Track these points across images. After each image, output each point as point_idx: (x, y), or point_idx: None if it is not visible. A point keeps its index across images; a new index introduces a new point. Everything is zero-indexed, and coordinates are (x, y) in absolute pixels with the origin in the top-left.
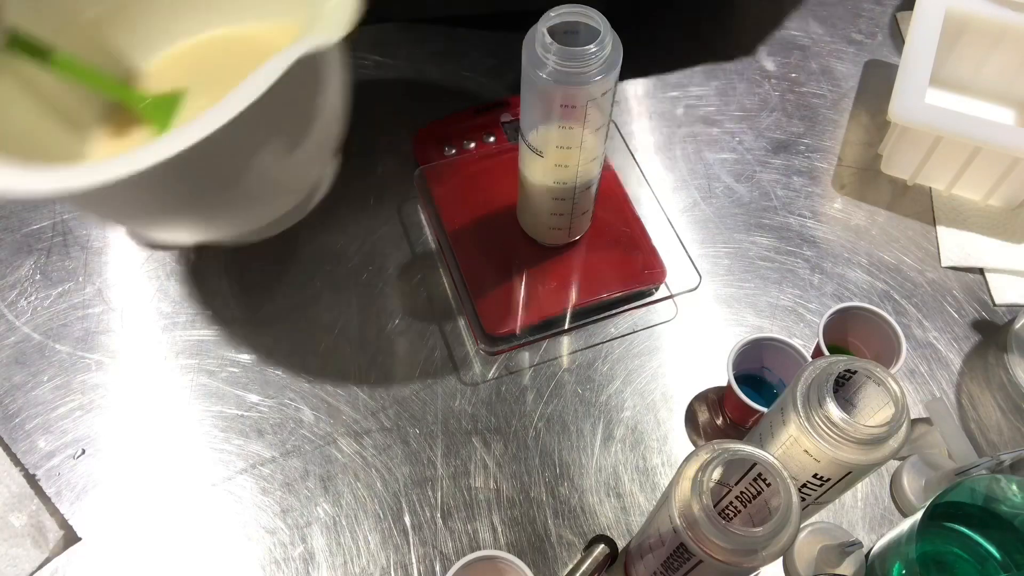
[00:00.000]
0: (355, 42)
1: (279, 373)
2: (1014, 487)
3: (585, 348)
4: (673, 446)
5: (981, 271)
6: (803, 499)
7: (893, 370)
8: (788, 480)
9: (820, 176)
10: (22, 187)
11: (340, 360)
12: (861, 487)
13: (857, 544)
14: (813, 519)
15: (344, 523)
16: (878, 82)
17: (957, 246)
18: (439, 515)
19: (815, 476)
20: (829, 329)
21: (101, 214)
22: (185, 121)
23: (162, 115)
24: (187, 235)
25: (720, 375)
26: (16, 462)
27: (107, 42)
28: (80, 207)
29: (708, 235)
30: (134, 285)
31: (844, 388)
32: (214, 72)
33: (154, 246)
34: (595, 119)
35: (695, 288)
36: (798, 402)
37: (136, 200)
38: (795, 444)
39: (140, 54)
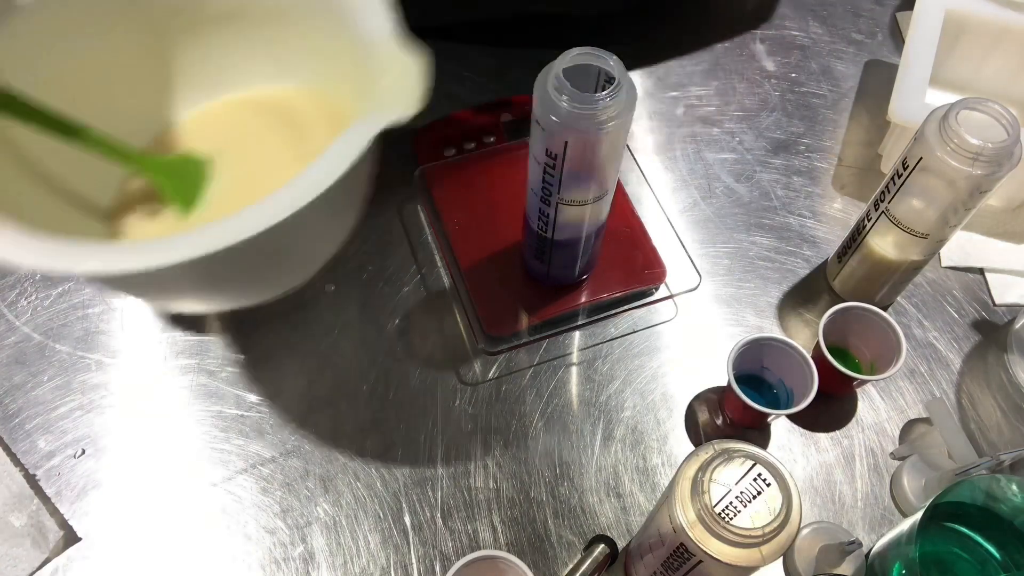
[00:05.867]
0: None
1: (279, 373)
2: (1014, 487)
3: (585, 348)
4: (673, 446)
5: (981, 271)
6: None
7: (893, 370)
8: (788, 480)
9: (820, 176)
10: (63, 264)
11: (340, 360)
12: (861, 487)
13: (857, 544)
14: (813, 519)
15: (344, 523)
16: (878, 82)
17: (957, 246)
18: (439, 515)
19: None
20: (829, 329)
21: (129, 291)
22: (220, 191)
23: (184, 184)
24: (204, 307)
25: (720, 375)
26: (16, 462)
27: (125, 102)
28: (113, 286)
29: (708, 235)
30: None
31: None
32: (239, 135)
33: (169, 316)
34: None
35: (695, 288)
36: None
37: (171, 280)
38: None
39: (149, 122)
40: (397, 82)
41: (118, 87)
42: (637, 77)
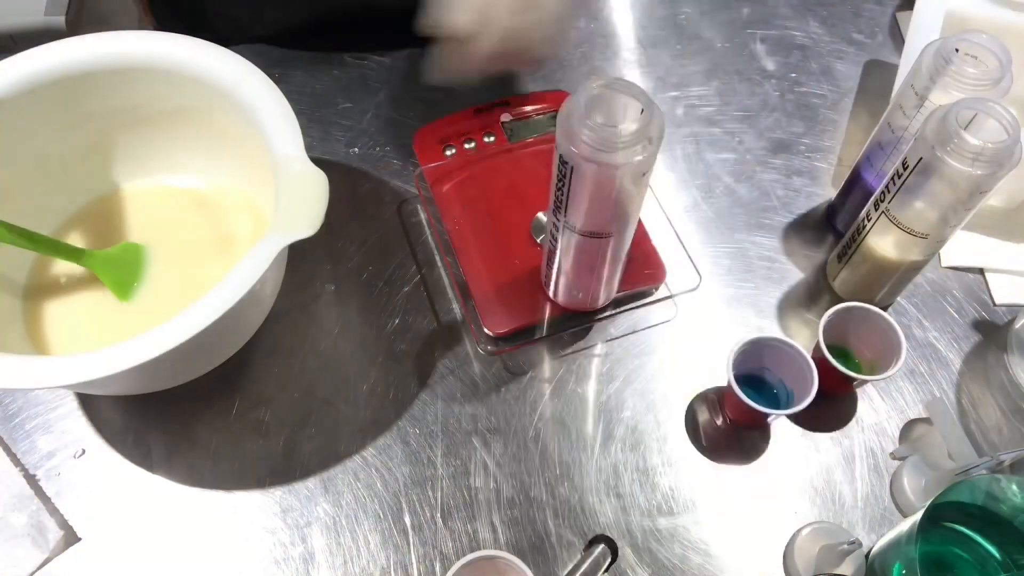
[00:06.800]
0: (354, 41)
1: (280, 372)
2: (1014, 487)
3: (585, 348)
4: (673, 446)
5: (981, 271)
6: None
7: (893, 370)
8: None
9: (820, 176)
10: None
11: (340, 360)
12: (861, 487)
13: (857, 544)
14: (813, 519)
15: (344, 523)
16: (878, 82)
17: (957, 246)
18: (439, 515)
19: None
20: (829, 329)
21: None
22: (153, 275)
23: (122, 273)
24: (138, 390)
25: (720, 375)
26: (16, 462)
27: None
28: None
29: (708, 235)
30: None
31: None
32: (169, 218)
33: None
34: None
35: (695, 288)
36: None
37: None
38: None
39: (84, 191)
40: (302, 202)
41: (53, 162)
42: (637, 78)
